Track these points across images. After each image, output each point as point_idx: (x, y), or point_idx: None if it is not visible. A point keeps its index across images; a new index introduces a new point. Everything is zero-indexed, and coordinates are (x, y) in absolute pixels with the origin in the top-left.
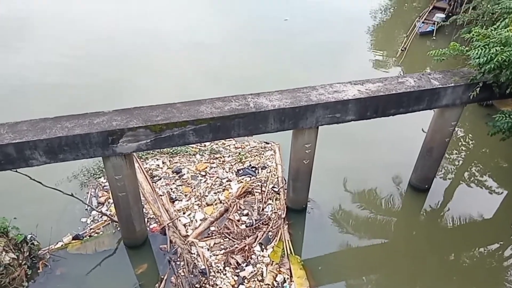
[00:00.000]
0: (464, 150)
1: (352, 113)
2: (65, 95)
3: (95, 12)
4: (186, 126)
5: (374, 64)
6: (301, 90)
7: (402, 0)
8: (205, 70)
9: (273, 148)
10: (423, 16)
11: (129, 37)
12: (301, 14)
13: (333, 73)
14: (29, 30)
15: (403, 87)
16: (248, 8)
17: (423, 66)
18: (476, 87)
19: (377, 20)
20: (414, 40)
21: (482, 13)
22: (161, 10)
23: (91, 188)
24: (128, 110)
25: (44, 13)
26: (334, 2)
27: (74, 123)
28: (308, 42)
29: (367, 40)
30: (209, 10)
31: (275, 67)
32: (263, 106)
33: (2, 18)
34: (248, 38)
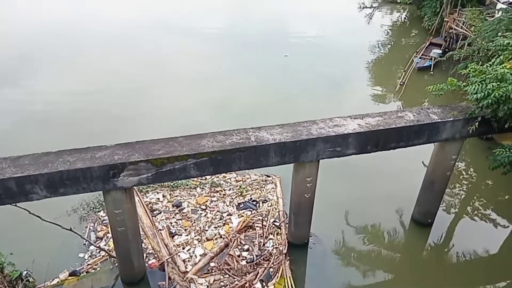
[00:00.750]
0: (466, 183)
1: (353, 147)
2: (69, 128)
3: (100, 46)
4: (187, 160)
5: (374, 98)
6: (302, 124)
7: (399, 36)
8: (207, 103)
9: (274, 181)
10: (420, 51)
11: (133, 70)
12: (301, 50)
13: (332, 107)
14: (35, 65)
15: (402, 121)
16: (250, 45)
17: (421, 100)
18: (475, 122)
19: (375, 55)
20: (412, 74)
21: (477, 50)
22: (165, 46)
23: (90, 222)
24: (130, 144)
25: (49, 47)
26: (333, 39)
27: (76, 157)
28: (308, 76)
29: (366, 74)
30: (213, 46)
31: (276, 101)
32: (264, 139)
33: (11, 56)
34: (249, 72)
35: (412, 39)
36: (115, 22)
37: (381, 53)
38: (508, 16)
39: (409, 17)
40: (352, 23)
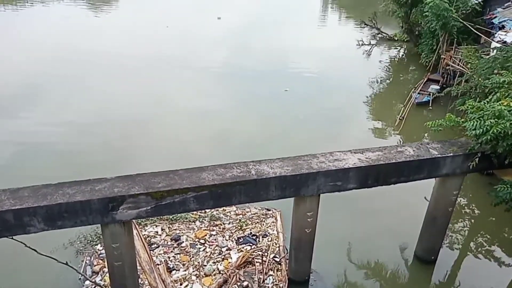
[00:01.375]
0: (469, 219)
1: (353, 182)
2: (71, 160)
3: (102, 79)
4: (187, 193)
5: (373, 132)
6: (302, 157)
7: (398, 71)
8: (208, 136)
9: (274, 215)
10: (419, 87)
11: (135, 103)
12: (301, 84)
13: (333, 140)
14: (37, 96)
15: (402, 156)
16: (251, 79)
17: (421, 134)
18: (475, 157)
19: (374, 90)
20: (411, 109)
21: (474, 86)
22: (167, 79)
23: (86, 256)
24: (131, 177)
25: (52, 78)
26: (333, 74)
27: (76, 189)
28: (308, 110)
29: (365, 108)
30: (214, 80)
31: (276, 134)
32: (264, 173)
33: (13, 87)
34: (250, 106)
35: (410, 74)
36: (117, 56)
37: (380, 88)
38: (503, 55)
39: (407, 54)
40: (351, 59)
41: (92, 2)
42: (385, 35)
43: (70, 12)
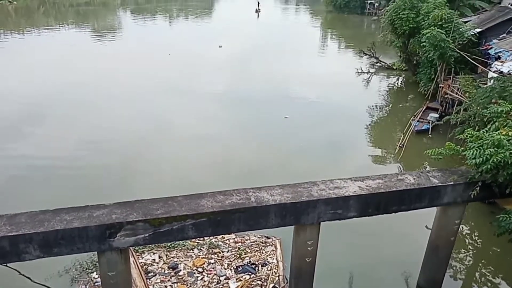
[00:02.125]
0: (472, 249)
1: (354, 210)
2: (71, 184)
3: (103, 105)
4: (186, 220)
5: (374, 160)
6: (302, 185)
7: (397, 99)
8: (208, 162)
9: (274, 243)
10: (418, 115)
11: (134, 129)
12: (301, 111)
13: (333, 168)
14: (37, 121)
15: (403, 184)
16: (251, 105)
17: (421, 162)
18: (476, 186)
19: (374, 118)
20: (411, 137)
21: (473, 115)
22: (167, 105)
23: (81, 284)
24: (129, 203)
25: (55, 103)
26: (332, 101)
27: (73, 216)
28: (307, 137)
29: (365, 136)
30: (215, 106)
31: (276, 160)
32: (264, 200)
33: (13, 110)
34: (250, 132)
35: (409, 102)
36: (120, 82)
37: (380, 115)
38: (500, 85)
39: (405, 82)
40: (351, 86)
41: (97, 30)
42: (383, 64)
43: (76, 39)
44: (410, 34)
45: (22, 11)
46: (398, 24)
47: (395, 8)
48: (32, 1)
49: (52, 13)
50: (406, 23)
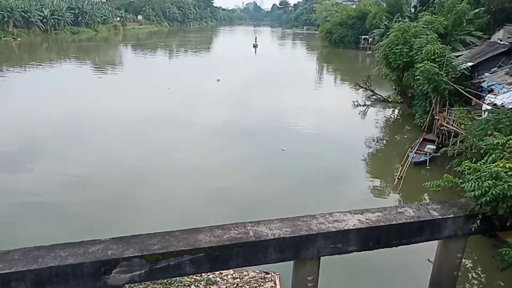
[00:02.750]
0: (476, 284)
1: (354, 244)
2: (66, 218)
3: (103, 136)
4: (183, 255)
5: (372, 192)
6: (301, 218)
7: (393, 131)
8: (206, 194)
9: (273, 279)
10: (415, 146)
11: (134, 160)
12: (299, 143)
13: (331, 200)
14: (34, 154)
15: (403, 217)
16: (249, 137)
17: (420, 194)
18: (476, 219)
19: (371, 149)
20: (409, 169)
21: (469, 146)
22: (166, 137)
23: None
24: (125, 238)
25: (53, 135)
26: (330, 132)
27: (68, 252)
28: (305, 169)
29: (363, 167)
30: (213, 138)
31: (274, 193)
32: (263, 235)
33: (10, 144)
34: (248, 164)
35: (406, 134)
36: (119, 115)
37: (377, 147)
38: (494, 117)
39: (401, 114)
40: (348, 118)
41: (98, 65)
42: (379, 96)
43: (77, 73)
44: (404, 68)
45: (25, 47)
46: (392, 58)
47: (389, 43)
48: (36, 37)
49: (55, 48)
50: (400, 57)
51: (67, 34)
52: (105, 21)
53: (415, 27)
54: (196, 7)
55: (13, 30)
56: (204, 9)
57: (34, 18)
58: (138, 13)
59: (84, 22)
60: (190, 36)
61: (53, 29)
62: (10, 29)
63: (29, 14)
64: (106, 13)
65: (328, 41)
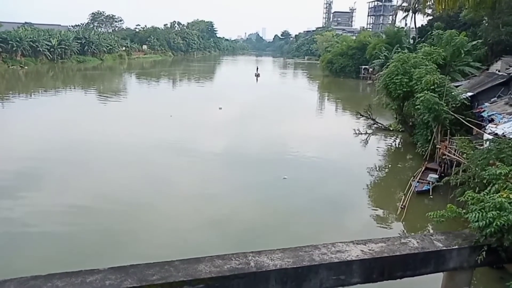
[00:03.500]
0: None
1: (357, 275)
2: (65, 246)
3: (103, 162)
4: (183, 286)
5: (375, 221)
6: (303, 248)
7: (395, 160)
8: (206, 222)
9: None
10: (417, 175)
11: (134, 187)
12: (300, 171)
13: (333, 229)
14: (33, 181)
15: (407, 248)
16: (250, 165)
17: (423, 224)
18: (482, 251)
19: (374, 178)
20: (411, 198)
21: (472, 176)
22: (167, 165)
23: None
24: (124, 268)
25: (54, 162)
26: (331, 161)
27: (66, 282)
28: (307, 197)
29: (365, 196)
30: (213, 166)
31: (276, 221)
32: (264, 265)
33: (10, 171)
34: (249, 193)
35: (408, 163)
36: (121, 142)
37: (379, 175)
38: (496, 147)
39: (403, 143)
40: (349, 147)
41: (102, 93)
42: (380, 125)
43: (81, 101)
44: (404, 97)
45: (31, 75)
46: (392, 88)
47: (389, 73)
48: (43, 66)
49: (60, 77)
50: (400, 87)
51: (73, 62)
52: (111, 50)
53: (414, 57)
54: (200, 37)
55: (21, 58)
56: (208, 40)
57: (42, 47)
58: (143, 43)
59: (90, 52)
60: (193, 65)
61: (59, 58)
62: (18, 57)
63: (37, 43)
64: (112, 43)
65: (329, 70)
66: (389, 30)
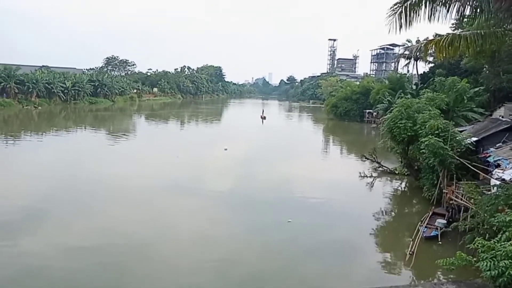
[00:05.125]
0: None
1: None
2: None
3: (108, 202)
4: None
5: (383, 267)
6: None
7: (402, 204)
8: (209, 264)
9: None
10: (425, 221)
11: (137, 227)
12: (304, 214)
13: (339, 274)
14: (36, 220)
15: None
16: (254, 207)
17: (433, 271)
18: None
19: (380, 222)
20: (420, 244)
21: (481, 222)
22: (171, 205)
23: None
24: None
25: (58, 199)
26: (336, 204)
27: None
28: (312, 241)
29: (372, 241)
30: (217, 208)
31: (280, 266)
32: None
33: (17, 208)
34: (253, 236)
35: (415, 207)
36: (127, 182)
37: (386, 220)
38: (504, 192)
39: (409, 187)
40: (355, 190)
41: (112, 133)
42: (386, 168)
43: (91, 140)
44: (409, 141)
45: (44, 115)
46: (397, 132)
47: (393, 118)
48: (56, 106)
49: (72, 117)
50: (404, 131)
51: (85, 103)
52: (122, 92)
53: (417, 103)
54: (208, 81)
55: (36, 99)
56: (216, 83)
57: (56, 89)
58: (154, 86)
59: (102, 93)
60: (201, 108)
61: (72, 99)
62: (33, 98)
63: (52, 85)
64: (124, 86)
65: (333, 114)
66: (392, 76)
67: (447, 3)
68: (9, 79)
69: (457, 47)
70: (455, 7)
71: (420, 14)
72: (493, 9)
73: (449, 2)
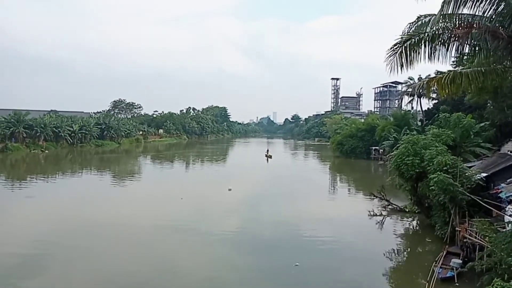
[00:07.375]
0: None
1: None
2: None
3: (111, 245)
4: None
5: None
6: None
7: (414, 243)
8: None
9: None
10: (439, 260)
11: (141, 270)
12: (312, 257)
13: None
14: (40, 262)
15: None
16: (260, 251)
17: None
18: None
19: (392, 262)
20: (435, 285)
21: (498, 261)
22: (176, 247)
23: None
24: None
25: (61, 242)
26: (346, 244)
27: None
28: (322, 285)
29: (385, 282)
30: (224, 250)
31: None
32: None
33: (17, 255)
34: (259, 281)
35: (428, 246)
36: (130, 224)
37: (398, 260)
38: None
39: (420, 225)
40: (365, 229)
41: (117, 174)
42: (395, 206)
43: (95, 182)
44: (417, 178)
45: (51, 158)
46: (405, 169)
47: (399, 154)
48: (62, 150)
49: (78, 160)
50: (412, 168)
51: (91, 146)
52: (128, 134)
53: (423, 139)
54: (213, 121)
55: (43, 143)
56: (221, 123)
57: (64, 132)
58: (159, 127)
59: (109, 136)
60: (206, 148)
61: (79, 142)
62: (40, 142)
63: (59, 129)
64: (130, 128)
65: (339, 151)
66: (396, 113)
67: (446, 42)
68: (18, 124)
69: (459, 84)
70: (454, 46)
71: (421, 54)
72: (491, 47)
73: (448, 42)
